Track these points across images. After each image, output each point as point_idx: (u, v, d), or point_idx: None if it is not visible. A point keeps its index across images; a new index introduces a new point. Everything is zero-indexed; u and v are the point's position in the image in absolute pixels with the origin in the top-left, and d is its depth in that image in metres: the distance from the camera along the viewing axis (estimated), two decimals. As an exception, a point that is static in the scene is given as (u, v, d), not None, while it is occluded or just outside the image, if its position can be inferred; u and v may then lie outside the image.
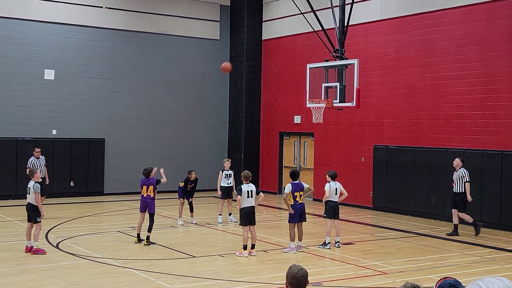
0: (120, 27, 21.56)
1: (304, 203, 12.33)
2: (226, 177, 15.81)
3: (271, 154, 22.97)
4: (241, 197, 11.73)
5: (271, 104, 22.99)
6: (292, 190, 12.15)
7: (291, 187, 12.19)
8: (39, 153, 16.87)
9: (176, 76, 22.67)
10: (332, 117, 19.26)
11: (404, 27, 17.99)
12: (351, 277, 10.32)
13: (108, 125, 21.34)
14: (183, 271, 10.43)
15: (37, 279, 9.79)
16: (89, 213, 17.26)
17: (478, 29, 16.11)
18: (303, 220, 12.34)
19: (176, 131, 22.71)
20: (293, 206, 12.14)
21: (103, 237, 13.70)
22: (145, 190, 12.86)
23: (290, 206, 12.14)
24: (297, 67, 21.10)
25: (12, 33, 19.68)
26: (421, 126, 17.48)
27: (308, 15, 16.53)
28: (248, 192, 11.82)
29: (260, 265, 11.13)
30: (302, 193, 12.29)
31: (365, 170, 18.97)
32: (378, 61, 18.66)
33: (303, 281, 4.58)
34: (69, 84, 20.64)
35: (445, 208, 16.57)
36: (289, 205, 12.17)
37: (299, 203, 12.17)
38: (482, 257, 12.14)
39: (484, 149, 15.79)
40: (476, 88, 16.11)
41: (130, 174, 20.90)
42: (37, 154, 16.77)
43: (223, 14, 23.62)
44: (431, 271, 10.74)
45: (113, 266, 10.74)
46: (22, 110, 19.85)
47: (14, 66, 19.71)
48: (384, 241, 13.79)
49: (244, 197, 11.77)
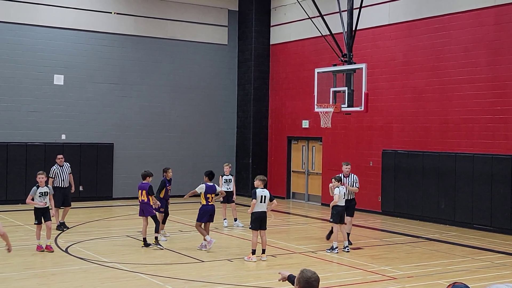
0: (128, 32, 21.66)
1: (214, 204, 12.84)
2: (225, 182, 15.83)
3: (279, 158, 22.96)
4: (256, 202, 11.75)
5: (279, 108, 23.00)
6: (205, 191, 12.65)
7: (205, 188, 12.68)
8: (62, 160, 15.44)
9: (184, 81, 22.73)
10: (340, 121, 19.24)
11: (412, 31, 17.96)
12: (360, 282, 10.28)
13: (116, 130, 21.42)
14: (191, 276, 10.43)
15: (46, 283, 9.82)
16: (98, 217, 17.31)
17: (486, 33, 16.06)
18: (211, 221, 12.84)
19: (184, 135, 22.75)
20: (205, 207, 12.65)
21: (112, 241, 13.73)
22: (139, 194, 12.96)
23: (202, 206, 12.68)
24: (305, 72, 21.10)
25: (22, 38, 19.81)
26: (430, 131, 17.42)
27: (316, 20, 16.53)
28: (262, 197, 11.83)
29: (268, 270, 11.11)
30: (214, 195, 12.78)
31: (373, 175, 18.93)
32: (386, 66, 18.63)
33: (316, 285, 4.61)
34: (78, 89, 20.75)
35: (454, 213, 16.50)
36: (189, 196, 13.03)
37: (210, 204, 12.68)
38: (492, 262, 12.06)
39: (494, 153, 15.72)
40: (485, 92, 16.05)
41: (139, 179, 20.67)
42: (60, 162, 15.35)
43: (231, 19, 23.68)
44: (440, 276, 10.68)
45: (122, 270, 10.76)
46: (31, 115, 19.97)
47: (24, 71, 19.83)
48: (393, 246, 13.74)
49: (257, 201, 11.79)
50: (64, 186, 15.19)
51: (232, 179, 16.05)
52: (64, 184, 15.18)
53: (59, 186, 15.05)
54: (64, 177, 15.19)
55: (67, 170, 15.37)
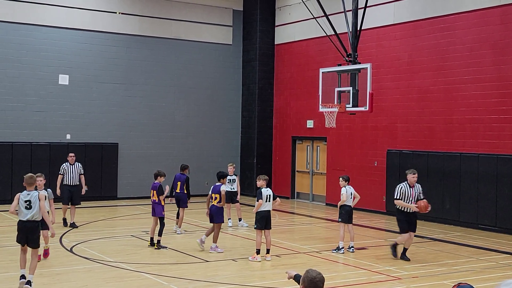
0: (133, 32, 21.69)
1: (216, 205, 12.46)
2: (229, 182, 15.84)
3: (284, 158, 22.95)
4: (262, 201, 11.75)
5: (283, 108, 22.99)
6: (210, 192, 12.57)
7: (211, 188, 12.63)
8: (73, 158, 15.47)
9: (189, 81, 22.75)
10: (345, 121, 19.22)
11: (417, 31, 17.92)
12: (365, 282, 10.27)
13: (121, 129, 21.46)
14: (196, 276, 10.44)
15: (51, 282, 9.84)
16: (102, 217, 17.35)
17: (491, 33, 16.02)
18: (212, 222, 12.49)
19: (189, 135, 22.77)
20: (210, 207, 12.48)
21: (117, 241, 13.75)
22: (151, 194, 12.99)
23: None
24: (310, 72, 21.08)
25: (27, 38, 19.86)
26: (435, 131, 17.38)
27: (320, 20, 16.52)
28: (267, 196, 11.84)
29: (273, 270, 11.11)
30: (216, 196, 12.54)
31: (378, 175, 18.90)
32: (391, 66, 18.60)
33: (321, 285, 4.61)
34: (83, 89, 20.79)
35: (459, 213, 16.46)
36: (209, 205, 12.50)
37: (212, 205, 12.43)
38: (497, 263, 12.03)
39: (499, 153, 15.67)
40: (490, 92, 16.00)
41: (143, 179, 20.97)
42: (71, 160, 15.38)
43: (235, 19, 23.68)
44: (445, 276, 10.66)
45: (126, 270, 10.78)
46: (36, 115, 20.02)
47: (29, 71, 19.88)
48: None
49: (263, 201, 11.79)
50: (73, 184, 15.35)
51: (237, 179, 16.06)
52: (72, 182, 15.33)
53: (67, 184, 15.32)
54: (73, 176, 15.33)
55: (77, 170, 15.45)
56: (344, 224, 12.78)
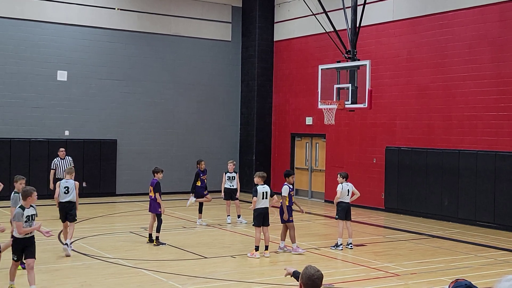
0: (132, 28, 21.66)
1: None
2: (229, 179, 15.86)
3: (283, 155, 22.95)
4: (257, 199, 11.76)
5: (282, 105, 22.98)
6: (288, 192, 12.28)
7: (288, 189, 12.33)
8: (64, 153, 16.12)
9: (187, 78, 22.74)
10: (344, 118, 19.22)
11: (416, 28, 17.92)
12: (363, 279, 10.29)
13: (120, 126, 21.44)
14: (194, 272, 10.45)
15: (50, 279, 9.85)
16: (101, 213, 17.34)
17: (490, 30, 16.02)
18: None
19: (187, 132, 22.77)
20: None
21: (115, 237, 13.76)
22: (149, 190, 12.99)
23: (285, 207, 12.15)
24: (309, 68, 21.08)
25: (26, 34, 19.83)
26: (434, 128, 17.39)
27: (320, 16, 16.51)
28: (263, 193, 11.85)
29: (272, 266, 11.13)
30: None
31: (377, 172, 18.92)
32: (390, 62, 18.61)
33: (318, 283, 4.60)
34: (81, 85, 20.77)
35: (457, 210, 16.49)
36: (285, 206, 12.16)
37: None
38: (495, 259, 12.05)
39: (497, 150, 15.69)
40: (489, 89, 16.01)
41: (142, 175, 20.96)
42: (62, 154, 16.05)
43: (234, 16, 23.66)
44: (443, 273, 10.68)
45: (125, 266, 10.79)
46: (35, 111, 20.00)
47: (28, 67, 19.86)
48: (396, 243, 13.74)
49: (259, 198, 11.80)
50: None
51: (236, 176, 16.08)
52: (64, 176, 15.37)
53: (60, 177, 15.54)
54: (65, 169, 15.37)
55: (68, 163, 15.95)
56: (343, 221, 12.80)
